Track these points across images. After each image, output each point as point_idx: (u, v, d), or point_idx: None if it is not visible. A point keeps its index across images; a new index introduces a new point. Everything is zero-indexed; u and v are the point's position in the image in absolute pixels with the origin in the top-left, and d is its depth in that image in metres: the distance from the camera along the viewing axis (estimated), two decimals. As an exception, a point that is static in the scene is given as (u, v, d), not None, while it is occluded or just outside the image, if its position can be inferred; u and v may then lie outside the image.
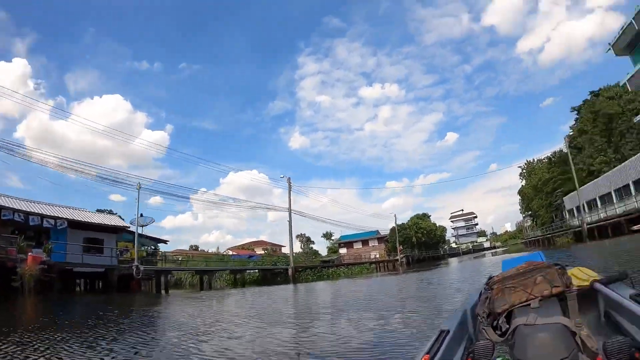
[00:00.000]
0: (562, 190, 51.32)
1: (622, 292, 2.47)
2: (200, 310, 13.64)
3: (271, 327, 8.16)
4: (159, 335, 8.11)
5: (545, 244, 47.09)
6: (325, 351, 5.40)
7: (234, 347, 6.17)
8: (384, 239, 74.53)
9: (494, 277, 2.74)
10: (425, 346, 2.11)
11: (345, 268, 45.11)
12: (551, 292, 2.29)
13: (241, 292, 25.05)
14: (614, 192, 33.39)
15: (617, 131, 45.17)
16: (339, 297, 15.50)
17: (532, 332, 2.02)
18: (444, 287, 14.16)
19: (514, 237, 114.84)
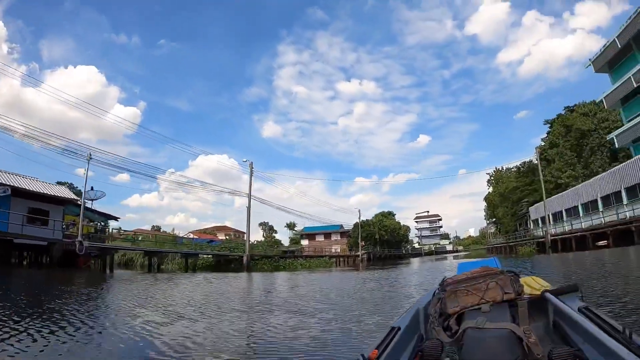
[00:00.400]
0: (528, 201, 51.12)
1: (571, 304, 2.51)
2: (119, 295, 11.63)
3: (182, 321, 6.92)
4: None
5: (508, 251, 46.62)
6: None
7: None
8: (346, 234, 73.30)
9: (448, 279, 2.81)
10: (376, 341, 2.14)
11: (303, 260, 43.31)
12: (502, 298, 2.41)
13: (187, 277, 23.17)
14: (581, 206, 32.77)
15: (588, 147, 45.52)
16: (290, 291, 14.05)
17: (481, 336, 2.01)
18: (402, 287, 13.13)
19: (477, 242, 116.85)
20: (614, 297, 6.05)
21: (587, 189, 31.70)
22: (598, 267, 13.42)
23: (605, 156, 43.25)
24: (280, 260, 39.32)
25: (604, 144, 43.18)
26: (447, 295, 2.56)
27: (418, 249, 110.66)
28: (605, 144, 43.15)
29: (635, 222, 22.75)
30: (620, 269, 12.20)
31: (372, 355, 1.93)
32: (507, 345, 1.96)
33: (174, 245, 38.81)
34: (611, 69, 32.40)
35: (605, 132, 41.94)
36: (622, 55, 30.07)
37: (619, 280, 8.68)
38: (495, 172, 74.70)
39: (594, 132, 44.32)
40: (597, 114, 45.26)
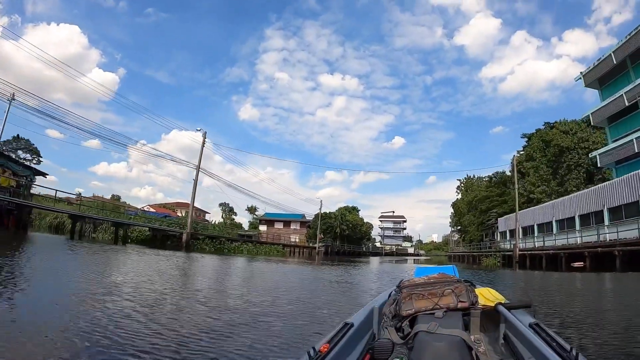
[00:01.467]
0: (496, 212, 49.11)
1: (522, 319, 2.59)
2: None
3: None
4: None
5: (470, 261, 44.35)
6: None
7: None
8: (306, 224, 70.02)
9: (405, 281, 2.86)
10: (327, 336, 2.15)
11: (252, 245, 39.66)
12: (457, 306, 2.45)
13: (106, 249, 19.89)
14: (555, 223, 30.37)
15: (565, 165, 44.32)
16: (212, 280, 11.52)
17: (431, 340, 2.01)
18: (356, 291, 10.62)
19: (439, 248, 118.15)
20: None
21: (565, 205, 29.30)
22: (568, 296, 11.04)
23: (581, 176, 42.25)
24: (226, 243, 35.60)
25: (581, 163, 42.37)
26: (403, 297, 2.57)
27: (379, 248, 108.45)
28: (582, 164, 42.43)
29: (619, 246, 20.15)
30: (599, 302, 9.83)
31: (323, 349, 1.91)
32: (457, 352, 1.93)
33: (109, 214, 34.37)
34: (602, 85, 30.36)
35: (584, 152, 41.00)
36: (616, 72, 28.20)
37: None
38: (466, 180, 72.97)
39: (572, 151, 43.34)
40: (578, 132, 44.33)
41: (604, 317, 7.09)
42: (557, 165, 45.52)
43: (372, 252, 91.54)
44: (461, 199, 71.63)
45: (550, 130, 47.97)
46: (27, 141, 54.26)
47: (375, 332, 2.80)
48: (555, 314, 6.74)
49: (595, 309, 8.09)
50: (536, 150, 47.48)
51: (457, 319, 2.34)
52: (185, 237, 30.53)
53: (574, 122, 46.78)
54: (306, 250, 57.33)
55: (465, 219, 62.36)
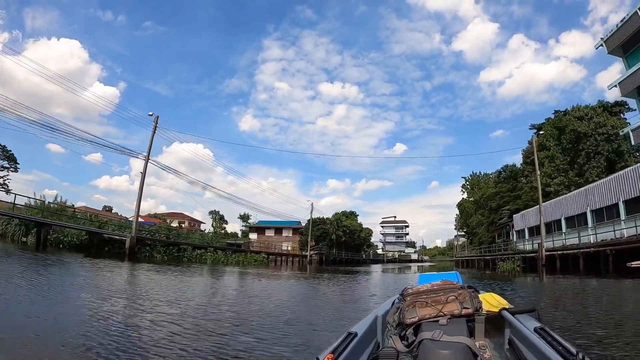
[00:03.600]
0: (509, 209, 43.24)
1: (527, 323, 2.51)
2: None
3: None
4: None
5: (482, 267, 38.28)
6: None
7: None
8: (299, 231, 63.98)
9: (408, 289, 2.84)
10: (331, 346, 2.10)
11: (222, 254, 33.46)
12: (461, 312, 2.43)
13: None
14: (591, 213, 24.38)
15: (583, 152, 39.38)
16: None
17: (436, 348, 1.99)
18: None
19: (443, 253, 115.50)
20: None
21: (602, 190, 23.37)
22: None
23: (602, 164, 37.63)
24: (186, 250, 29.76)
25: (600, 151, 37.92)
26: (406, 305, 2.56)
27: (380, 254, 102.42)
28: (601, 152, 37.92)
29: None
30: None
31: (327, 359, 1.88)
32: (462, 359, 1.91)
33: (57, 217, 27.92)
34: (626, 52, 24.88)
35: (602, 138, 37.60)
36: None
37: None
38: (471, 177, 67.07)
39: (589, 137, 38.79)
40: (594, 118, 39.76)
41: None
42: (574, 153, 40.65)
43: (373, 259, 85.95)
44: (467, 198, 65.65)
45: (564, 116, 43.18)
46: (4, 147, 49.16)
47: (379, 341, 2.77)
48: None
49: None
50: (549, 139, 42.32)
51: (462, 325, 2.31)
52: (129, 242, 24.67)
53: (588, 107, 42.34)
54: (297, 260, 51.50)
55: (473, 219, 56.35)
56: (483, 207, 52.65)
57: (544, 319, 2.89)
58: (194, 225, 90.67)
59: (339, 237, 64.71)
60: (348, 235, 67.33)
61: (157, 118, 28.19)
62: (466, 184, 67.22)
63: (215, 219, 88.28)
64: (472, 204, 60.40)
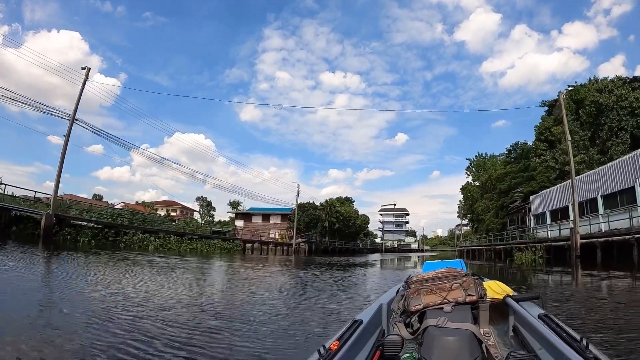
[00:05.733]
0: (521, 191, 37.74)
1: (531, 310, 2.53)
2: None
3: None
4: None
5: (493, 258, 32.69)
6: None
7: None
8: (288, 217, 58.33)
9: (412, 277, 2.83)
10: (337, 333, 2.12)
11: (175, 240, 27.75)
12: (465, 299, 2.40)
13: None
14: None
15: (606, 127, 35.31)
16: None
17: (441, 334, 1.98)
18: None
19: (444, 243, 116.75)
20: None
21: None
22: None
23: (626, 140, 34.17)
24: (129, 234, 24.48)
25: (623, 126, 34.44)
26: (411, 293, 2.53)
27: (379, 243, 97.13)
28: (624, 127, 34.35)
29: None
30: None
31: (333, 346, 1.87)
32: (467, 345, 1.90)
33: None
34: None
35: (625, 113, 34.58)
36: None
37: None
38: (477, 158, 61.34)
39: (611, 111, 35.04)
40: (614, 90, 35.81)
41: None
42: (595, 128, 36.28)
43: (371, 248, 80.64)
44: (472, 182, 60.03)
45: (581, 87, 38.49)
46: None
47: (384, 328, 2.76)
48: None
49: None
50: (567, 113, 36.72)
51: (466, 312, 2.31)
52: (44, 221, 19.27)
53: (607, 80, 38.19)
54: (284, 249, 46.19)
55: (479, 205, 50.85)
56: (490, 190, 47.19)
57: (547, 307, 2.87)
58: (186, 213, 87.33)
59: (332, 224, 59.24)
60: (342, 222, 61.86)
61: (88, 70, 22.47)
62: (471, 166, 61.55)
63: (203, 206, 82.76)
64: (478, 188, 54.92)
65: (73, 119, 21.39)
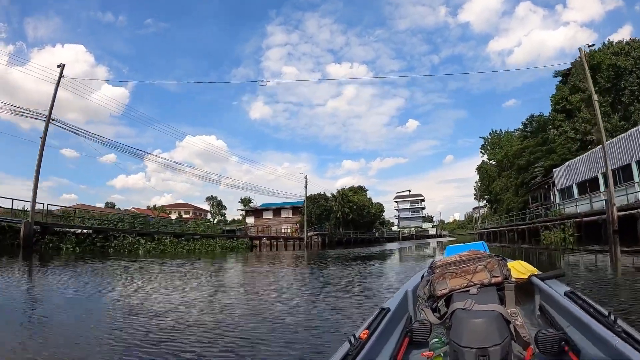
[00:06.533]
0: (542, 165, 35.42)
1: (557, 288, 2.56)
2: None
3: None
4: None
5: (514, 239, 30.48)
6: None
7: None
8: (299, 210, 56.58)
9: (437, 261, 2.76)
10: (366, 322, 2.12)
11: (166, 241, 25.70)
12: (490, 281, 2.35)
13: None
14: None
15: (627, 90, 32.97)
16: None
17: (469, 317, 1.93)
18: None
19: (462, 227, 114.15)
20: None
21: None
22: None
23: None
24: (119, 238, 23.13)
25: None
26: (436, 278, 2.48)
27: (396, 231, 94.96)
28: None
29: None
30: None
31: (363, 335, 1.90)
32: (495, 326, 1.83)
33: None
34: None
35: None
36: None
37: None
38: (491, 136, 58.72)
39: (631, 74, 32.72)
40: (632, 52, 33.44)
41: None
42: (615, 93, 33.90)
43: (388, 237, 78.47)
44: (487, 160, 57.49)
45: (597, 52, 35.60)
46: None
47: (411, 314, 2.77)
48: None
49: None
50: (583, 79, 34.42)
51: (492, 294, 2.24)
52: (24, 230, 17.98)
53: (622, 43, 35.52)
54: (296, 243, 44.41)
55: (497, 184, 48.46)
56: (508, 168, 44.79)
57: (572, 284, 2.94)
58: (199, 214, 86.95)
59: (345, 214, 57.38)
60: (356, 212, 59.98)
61: (63, 66, 20.87)
62: (486, 145, 58.94)
63: (213, 205, 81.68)
64: (495, 167, 52.46)
65: (49, 120, 19.97)
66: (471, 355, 1.74)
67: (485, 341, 1.76)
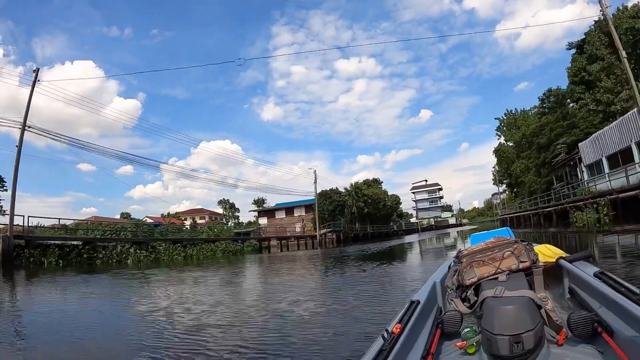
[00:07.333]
0: (564, 142, 33.02)
1: (586, 270, 2.48)
2: None
3: None
4: None
5: (540, 223, 28.31)
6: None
7: None
8: (311, 207, 54.83)
9: (463, 251, 2.75)
10: (397, 316, 2.11)
11: (164, 247, 24.59)
12: (518, 266, 2.33)
13: None
14: None
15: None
16: None
17: (500, 304, 1.92)
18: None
19: (483, 214, 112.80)
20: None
21: None
22: None
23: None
24: (107, 248, 21.82)
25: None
26: (464, 267, 2.47)
27: (414, 223, 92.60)
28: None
29: None
30: None
31: (395, 330, 1.89)
32: (527, 312, 1.83)
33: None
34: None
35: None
36: None
37: None
38: (506, 116, 56.13)
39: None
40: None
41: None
42: (635, 58, 30.55)
43: (406, 229, 76.50)
44: (504, 142, 54.97)
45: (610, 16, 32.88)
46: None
47: (441, 306, 2.72)
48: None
49: None
50: (600, 47, 32.13)
51: (521, 279, 2.24)
52: (2, 245, 17.05)
53: (638, 6, 31.93)
54: (309, 242, 42.81)
55: (516, 166, 45.98)
56: (527, 148, 42.37)
57: (601, 265, 2.83)
58: (215, 218, 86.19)
59: (360, 208, 55.51)
60: (371, 205, 58.03)
61: (37, 71, 19.68)
62: (501, 126, 56.38)
63: (226, 208, 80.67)
64: (513, 148, 49.96)
65: (24, 127, 18.88)
66: (505, 342, 1.69)
67: (517, 327, 1.71)
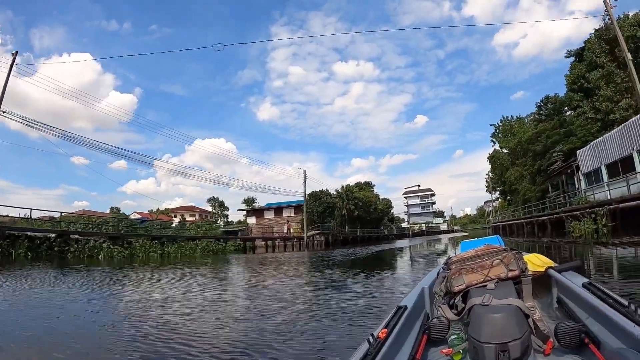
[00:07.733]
0: (561, 150, 32.20)
1: (574, 280, 2.53)
2: None
3: None
4: None
5: (534, 232, 27.32)
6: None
7: None
8: (300, 208, 53.70)
9: (452, 257, 2.77)
10: (384, 321, 2.12)
11: (141, 243, 23.58)
12: (507, 275, 2.33)
13: None
14: None
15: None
16: None
17: (487, 312, 1.92)
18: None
19: (474, 221, 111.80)
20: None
21: None
22: None
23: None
24: (80, 242, 20.84)
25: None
26: (452, 274, 2.46)
27: (405, 228, 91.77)
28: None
29: None
30: None
31: (381, 334, 1.89)
32: (514, 321, 1.82)
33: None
34: None
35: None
36: None
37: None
38: (502, 123, 55.37)
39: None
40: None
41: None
42: (637, 67, 29.84)
43: (397, 234, 75.70)
44: (499, 149, 54.20)
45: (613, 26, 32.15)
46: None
47: (428, 312, 2.74)
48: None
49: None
50: (600, 55, 31.74)
51: (510, 288, 2.22)
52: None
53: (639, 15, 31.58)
54: (292, 243, 41.56)
55: (511, 173, 45.16)
56: (522, 155, 41.54)
57: (590, 275, 2.79)
58: (205, 216, 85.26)
59: (350, 211, 54.47)
60: (362, 208, 57.03)
61: (15, 53, 18.62)
62: (496, 133, 55.62)
63: (215, 206, 79.44)
64: (507, 155, 49.16)
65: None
66: (491, 350, 1.69)
67: (504, 336, 1.71)
